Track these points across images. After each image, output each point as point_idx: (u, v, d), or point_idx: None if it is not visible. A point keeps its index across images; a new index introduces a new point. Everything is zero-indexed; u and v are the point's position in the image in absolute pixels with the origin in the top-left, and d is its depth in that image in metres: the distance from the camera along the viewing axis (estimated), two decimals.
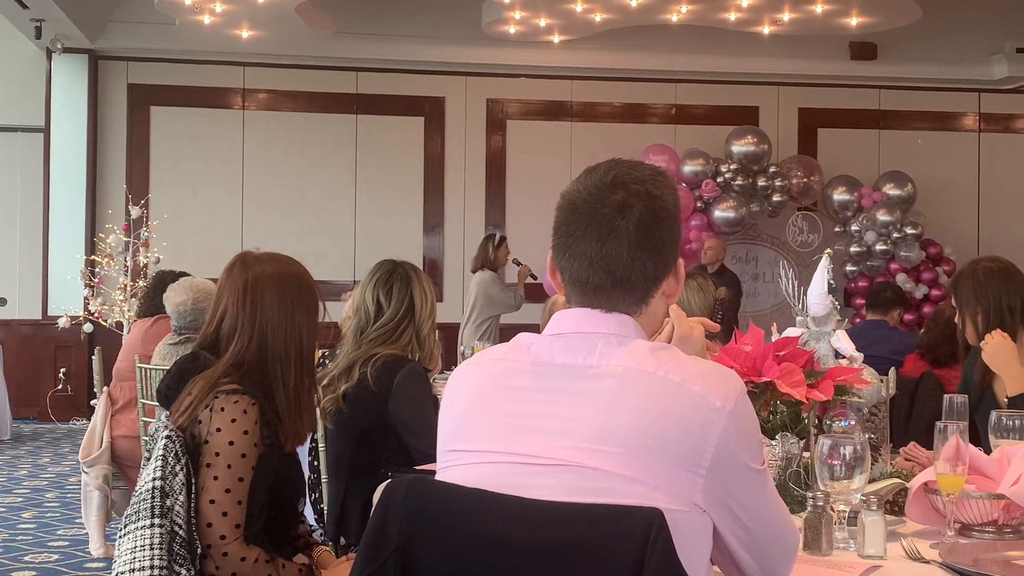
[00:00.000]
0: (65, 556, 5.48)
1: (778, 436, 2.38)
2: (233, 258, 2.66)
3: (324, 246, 10.69)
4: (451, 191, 11.38)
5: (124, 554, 2.32)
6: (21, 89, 10.82)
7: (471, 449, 1.62)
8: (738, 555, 1.61)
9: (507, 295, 8.98)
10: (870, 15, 9.89)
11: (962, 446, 2.13)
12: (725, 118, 11.34)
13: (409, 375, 3.48)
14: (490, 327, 8.91)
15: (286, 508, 2.61)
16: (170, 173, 10.93)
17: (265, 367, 2.54)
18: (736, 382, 1.58)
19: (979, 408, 3.27)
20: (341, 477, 3.58)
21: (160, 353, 5.10)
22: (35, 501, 6.90)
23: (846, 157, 11.50)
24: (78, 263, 10.24)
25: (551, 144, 11.34)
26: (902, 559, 2.04)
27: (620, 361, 1.58)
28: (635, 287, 1.65)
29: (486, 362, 1.69)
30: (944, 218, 11.38)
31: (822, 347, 2.56)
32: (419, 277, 3.66)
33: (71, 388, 10.62)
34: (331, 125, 11.19)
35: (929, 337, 5.51)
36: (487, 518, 1.49)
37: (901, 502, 2.33)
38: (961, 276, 3.63)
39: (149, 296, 5.82)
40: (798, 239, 11.28)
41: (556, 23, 10.08)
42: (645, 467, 1.51)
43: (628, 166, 1.68)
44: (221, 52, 10.67)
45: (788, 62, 11.22)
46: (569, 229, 1.66)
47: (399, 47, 10.88)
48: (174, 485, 2.36)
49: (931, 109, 11.96)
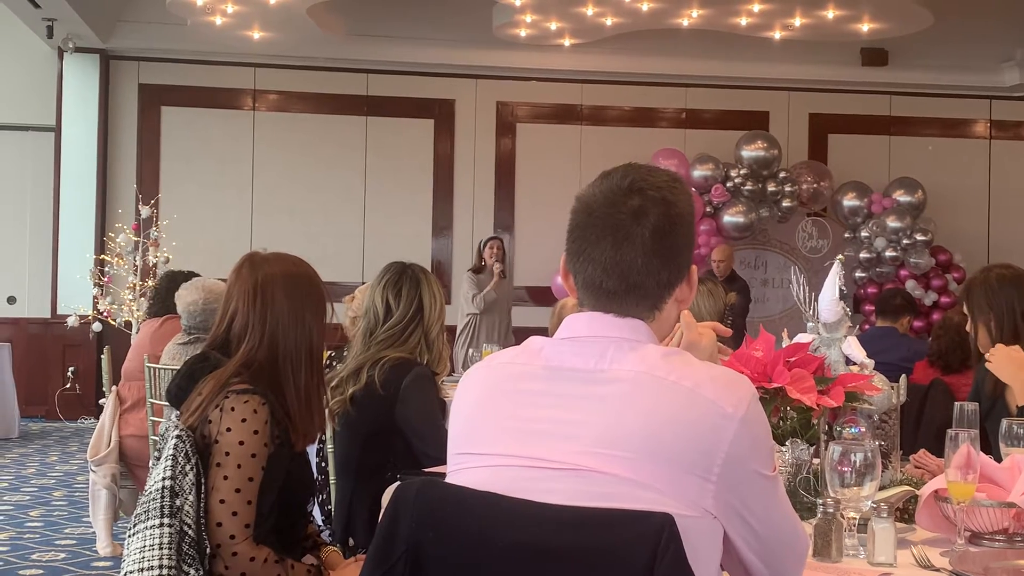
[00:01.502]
0: (72, 555, 5.49)
1: (788, 442, 2.38)
2: (241, 259, 2.67)
3: (333, 248, 10.70)
4: (460, 194, 11.38)
5: (133, 553, 2.32)
6: (32, 88, 10.85)
7: (481, 452, 1.61)
8: (748, 561, 1.60)
9: (470, 294, 9.07)
10: (881, 21, 9.87)
11: (973, 454, 2.13)
12: (735, 123, 11.33)
13: (416, 379, 3.48)
14: (468, 324, 9.01)
15: (295, 508, 2.61)
16: (180, 173, 10.95)
17: (276, 367, 2.55)
18: (748, 388, 1.58)
19: (990, 416, 3.26)
20: (349, 479, 3.58)
21: (170, 353, 5.11)
22: (43, 499, 6.91)
23: (856, 163, 11.48)
24: (87, 262, 10.26)
25: (561, 148, 11.34)
26: (912, 567, 2.03)
27: (631, 366, 1.57)
28: (649, 293, 1.65)
29: (497, 365, 1.69)
30: (954, 225, 11.36)
31: (833, 353, 2.55)
32: (428, 279, 3.66)
33: (79, 387, 10.64)
34: (341, 127, 11.21)
35: (939, 344, 5.50)
36: (497, 522, 1.49)
37: (911, 510, 2.32)
38: (973, 283, 3.61)
39: (158, 296, 5.83)
40: (807, 245, 11.26)
41: (567, 27, 10.08)
42: (655, 472, 1.50)
43: (645, 171, 1.67)
44: (232, 53, 10.69)
45: (799, 67, 11.21)
46: (584, 233, 1.65)
47: (409, 49, 10.90)
48: (184, 485, 2.36)
49: (942, 116, 11.94)
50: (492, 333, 8.94)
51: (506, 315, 9.28)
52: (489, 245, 9.24)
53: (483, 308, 9.01)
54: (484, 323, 9.05)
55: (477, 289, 9.03)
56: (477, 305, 8.97)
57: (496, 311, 9.13)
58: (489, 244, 9.26)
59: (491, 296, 9.03)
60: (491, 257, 9.15)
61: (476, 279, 9.13)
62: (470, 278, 9.14)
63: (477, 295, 8.98)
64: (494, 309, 9.11)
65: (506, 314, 9.29)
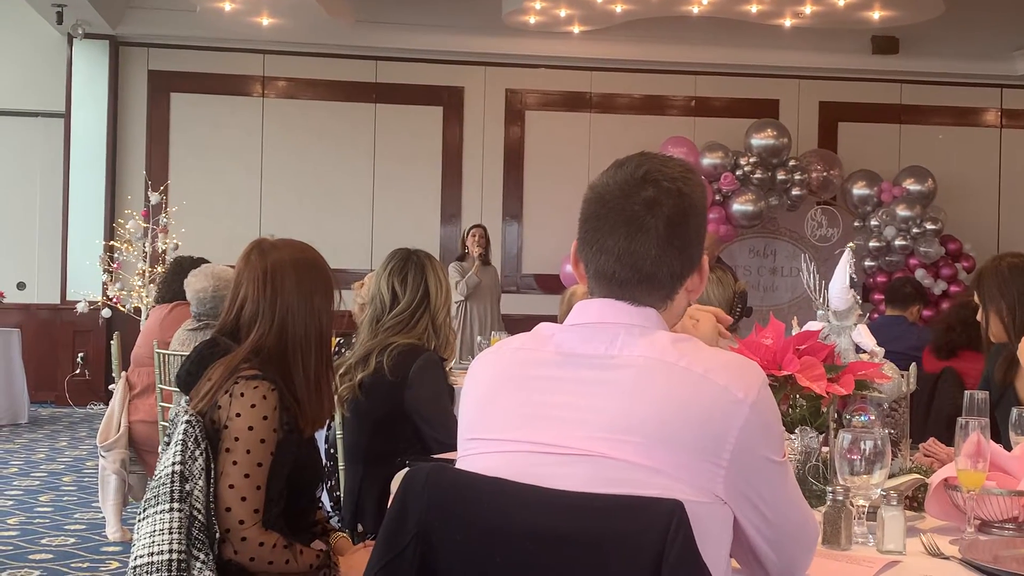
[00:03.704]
0: (82, 540, 5.51)
1: (798, 430, 2.37)
2: (249, 245, 2.68)
3: (342, 235, 10.71)
4: (469, 181, 11.37)
5: (143, 538, 2.33)
6: (42, 74, 10.85)
7: (491, 438, 1.61)
8: (758, 547, 1.60)
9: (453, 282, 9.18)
10: (893, 9, 9.83)
11: (983, 442, 2.12)
12: (745, 111, 11.30)
13: (425, 364, 3.49)
14: (457, 312, 9.12)
15: (304, 494, 2.61)
16: (189, 160, 10.96)
17: (285, 353, 2.55)
18: (758, 374, 1.58)
19: (1000, 405, 3.25)
20: (358, 465, 3.59)
21: (179, 339, 5.12)
22: (52, 484, 6.94)
23: (866, 151, 11.45)
24: (97, 248, 10.28)
25: (570, 135, 11.32)
26: (921, 555, 2.03)
27: (642, 351, 1.57)
28: (661, 284, 1.65)
29: (507, 351, 1.69)
30: (964, 214, 11.32)
31: (843, 341, 2.55)
32: (433, 265, 3.66)
33: (89, 373, 10.68)
34: (350, 114, 11.20)
35: (936, 332, 5.47)
36: (507, 507, 1.49)
37: (921, 498, 2.31)
38: (985, 271, 3.60)
39: (168, 282, 5.84)
40: (817, 233, 11.23)
41: (576, 13, 10.06)
42: (666, 457, 1.50)
43: (659, 161, 1.67)
44: (241, 39, 10.69)
45: (809, 55, 11.17)
46: (597, 223, 1.65)
47: (419, 36, 10.88)
48: (193, 470, 2.37)
49: (952, 104, 11.89)
50: (485, 320, 9.10)
51: (495, 302, 9.46)
52: (472, 233, 9.48)
53: (467, 293, 9.17)
54: (474, 310, 9.23)
55: (460, 276, 9.16)
56: (461, 291, 9.12)
57: (484, 297, 9.31)
58: (471, 232, 9.50)
59: (473, 281, 9.18)
60: (474, 244, 9.35)
61: (460, 267, 9.31)
62: (454, 266, 9.29)
63: (460, 281, 9.11)
64: (482, 296, 9.29)
65: (495, 301, 9.47)
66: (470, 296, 9.20)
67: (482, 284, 9.28)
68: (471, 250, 9.36)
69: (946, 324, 5.35)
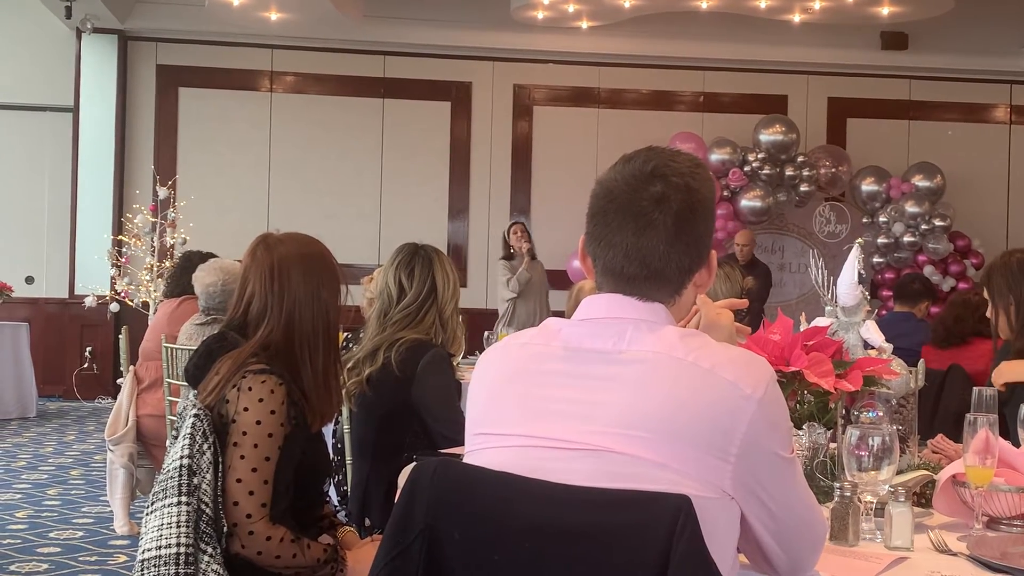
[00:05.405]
0: (90, 533, 5.53)
1: (805, 426, 2.37)
2: (255, 240, 2.67)
3: (349, 229, 10.72)
4: (477, 176, 11.37)
5: (151, 531, 2.33)
6: (51, 69, 10.88)
7: (499, 432, 1.61)
8: (765, 543, 1.60)
9: (504, 279, 9.21)
10: (902, 5, 9.81)
11: (991, 439, 2.11)
12: (753, 106, 11.28)
13: (433, 360, 3.49)
14: (507, 310, 9.12)
15: (312, 488, 2.62)
16: (197, 154, 10.98)
17: (292, 347, 2.56)
18: (767, 370, 1.57)
19: (1008, 402, 3.24)
20: (365, 459, 3.59)
21: (187, 333, 5.13)
22: (60, 478, 6.96)
23: (875, 148, 11.42)
24: (105, 243, 10.31)
25: (578, 131, 11.31)
26: (929, 551, 2.02)
27: (650, 346, 1.57)
28: (670, 279, 1.65)
29: (515, 346, 1.69)
30: (973, 210, 11.30)
31: (851, 337, 2.54)
32: (441, 259, 3.66)
33: (97, 367, 10.71)
34: (358, 109, 11.21)
35: (937, 327, 5.48)
36: (514, 502, 1.49)
37: (928, 494, 2.31)
38: (994, 267, 3.59)
39: (176, 276, 5.85)
40: (825, 229, 11.21)
41: (584, 9, 10.04)
42: (673, 452, 1.50)
43: (667, 156, 1.66)
44: (249, 34, 10.70)
45: (818, 51, 11.14)
46: (606, 219, 1.65)
47: (427, 31, 10.88)
48: (201, 464, 2.37)
49: (962, 100, 11.85)
50: (532, 319, 9.00)
51: (544, 298, 9.37)
52: (513, 230, 9.41)
53: (519, 290, 9.11)
54: (522, 308, 9.14)
55: (511, 273, 9.12)
56: (512, 288, 9.07)
57: (533, 295, 9.21)
58: (513, 229, 9.43)
59: (524, 276, 9.15)
60: (517, 241, 9.27)
61: (509, 265, 9.26)
62: (504, 265, 9.25)
63: (511, 277, 9.09)
64: (530, 294, 9.19)
65: (544, 297, 9.37)
66: (521, 293, 9.13)
67: (532, 280, 9.22)
68: (517, 247, 9.26)
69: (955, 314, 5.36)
